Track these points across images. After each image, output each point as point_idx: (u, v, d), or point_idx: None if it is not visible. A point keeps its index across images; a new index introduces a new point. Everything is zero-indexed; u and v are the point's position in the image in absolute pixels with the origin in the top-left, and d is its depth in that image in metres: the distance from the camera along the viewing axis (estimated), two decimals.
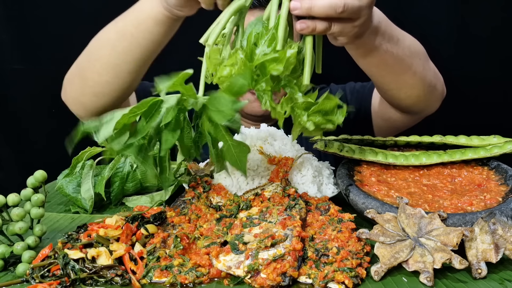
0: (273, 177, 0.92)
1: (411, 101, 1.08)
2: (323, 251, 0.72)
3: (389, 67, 0.97)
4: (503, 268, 0.71)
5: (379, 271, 0.69)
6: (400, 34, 0.95)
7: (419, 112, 1.15)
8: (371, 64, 0.97)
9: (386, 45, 0.91)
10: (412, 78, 1.00)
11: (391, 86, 1.04)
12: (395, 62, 0.95)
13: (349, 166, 0.98)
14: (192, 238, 0.76)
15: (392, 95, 1.10)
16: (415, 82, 1.01)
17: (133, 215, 0.81)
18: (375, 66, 0.97)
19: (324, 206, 0.86)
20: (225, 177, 0.94)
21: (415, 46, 1.00)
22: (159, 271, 0.70)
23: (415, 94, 1.05)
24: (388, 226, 0.74)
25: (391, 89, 1.06)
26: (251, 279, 0.67)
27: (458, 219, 0.77)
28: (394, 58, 0.94)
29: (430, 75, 1.04)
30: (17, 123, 1.85)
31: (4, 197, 0.80)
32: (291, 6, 0.72)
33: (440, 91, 1.10)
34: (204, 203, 0.87)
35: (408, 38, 0.99)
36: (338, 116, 0.76)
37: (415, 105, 1.10)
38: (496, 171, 0.95)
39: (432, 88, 1.06)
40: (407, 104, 1.11)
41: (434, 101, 1.11)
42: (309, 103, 0.73)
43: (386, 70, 0.98)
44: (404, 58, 0.96)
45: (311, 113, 0.74)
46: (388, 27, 0.92)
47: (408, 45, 0.97)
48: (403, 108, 1.14)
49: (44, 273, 0.69)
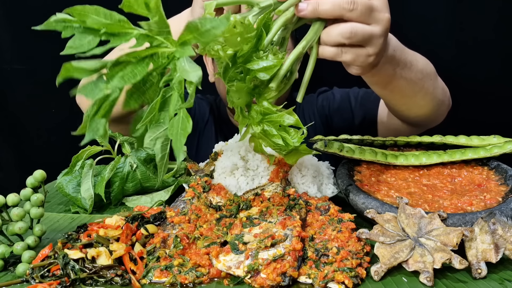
0: (273, 177, 0.92)
1: (420, 118, 1.09)
2: (323, 251, 0.72)
3: (402, 92, 0.97)
4: (503, 268, 0.71)
5: (379, 271, 0.69)
6: (413, 59, 0.94)
7: (426, 125, 1.16)
8: (384, 89, 0.97)
9: (400, 72, 0.91)
10: (423, 99, 1.00)
11: (402, 108, 1.05)
12: (408, 86, 0.95)
13: (349, 166, 0.98)
14: (192, 238, 0.76)
15: (401, 114, 1.10)
16: (426, 102, 1.02)
17: (133, 215, 0.81)
18: (389, 91, 0.97)
19: (324, 206, 0.86)
20: (225, 177, 0.94)
21: (426, 67, 0.99)
22: (159, 271, 0.70)
23: (424, 112, 1.05)
24: (388, 226, 0.74)
25: (401, 110, 1.07)
26: (251, 279, 0.67)
27: (458, 219, 0.77)
28: (408, 83, 0.94)
29: (439, 93, 1.04)
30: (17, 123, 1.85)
31: (3, 197, 0.80)
32: (298, 8, 0.72)
33: (447, 104, 1.11)
34: (204, 203, 0.87)
35: (421, 61, 0.98)
36: (294, 137, 0.74)
37: (423, 121, 1.11)
38: (496, 171, 0.95)
39: (440, 104, 1.06)
40: (416, 121, 1.11)
41: (441, 115, 1.12)
42: (269, 110, 0.72)
43: (399, 94, 0.98)
44: (416, 81, 0.95)
45: (265, 119, 0.73)
46: (403, 53, 0.91)
47: (421, 69, 0.96)
48: (411, 123, 1.14)
49: (44, 273, 0.69)
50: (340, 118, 1.39)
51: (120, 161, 1.02)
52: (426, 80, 0.98)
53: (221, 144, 1.04)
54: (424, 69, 0.97)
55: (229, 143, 1.01)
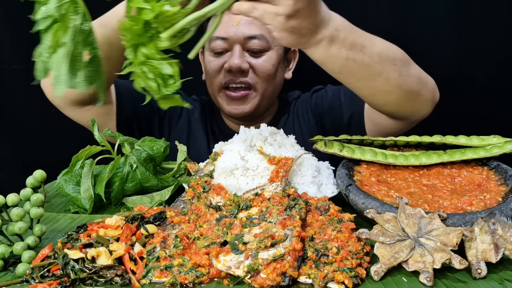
0: (273, 177, 0.92)
1: (392, 107, 1.08)
2: (323, 251, 0.72)
3: (354, 74, 0.97)
4: (503, 268, 0.71)
5: (379, 271, 0.69)
6: (367, 41, 0.94)
7: (406, 118, 1.13)
8: (333, 71, 0.97)
9: (347, 52, 0.91)
10: (385, 85, 0.99)
11: (363, 92, 1.04)
12: (361, 69, 0.95)
13: (349, 166, 0.98)
14: (192, 238, 0.76)
15: (369, 101, 1.11)
16: (390, 89, 1.00)
17: (133, 215, 0.81)
18: (338, 73, 0.98)
19: (324, 206, 0.86)
20: (225, 177, 0.94)
21: (388, 52, 0.98)
22: (159, 271, 0.70)
23: (394, 101, 1.04)
24: (388, 226, 0.74)
25: (365, 96, 1.06)
26: (251, 279, 0.67)
27: (458, 219, 0.77)
28: (359, 65, 0.94)
29: (410, 81, 1.01)
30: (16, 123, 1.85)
31: (3, 197, 0.80)
32: None
33: (427, 97, 1.07)
34: (204, 203, 0.87)
35: (380, 45, 0.97)
36: (169, 86, 0.79)
37: (398, 111, 1.10)
38: (496, 171, 0.95)
39: (415, 94, 1.04)
40: (389, 110, 1.10)
41: (420, 108, 1.09)
42: (153, 56, 0.77)
43: (353, 77, 0.98)
44: (372, 64, 0.95)
45: (147, 62, 0.77)
46: (351, 34, 0.92)
47: (378, 52, 0.95)
48: (388, 114, 1.13)
49: (44, 273, 0.69)
50: (330, 116, 1.39)
51: (120, 161, 1.02)
52: (387, 64, 0.97)
53: (221, 144, 1.04)
54: (383, 53, 0.96)
55: (229, 143, 1.01)
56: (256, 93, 1.34)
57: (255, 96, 1.34)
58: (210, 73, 1.35)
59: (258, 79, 1.32)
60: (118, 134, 1.08)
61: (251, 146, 0.99)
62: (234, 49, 1.30)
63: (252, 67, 1.31)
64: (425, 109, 1.10)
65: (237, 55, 1.29)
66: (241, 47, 1.29)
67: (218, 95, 1.36)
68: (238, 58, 1.28)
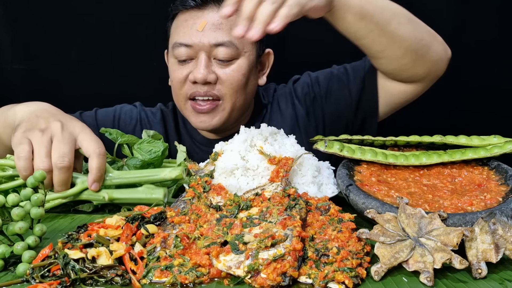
0: (273, 177, 0.92)
1: (406, 63, 1.10)
2: (323, 251, 0.72)
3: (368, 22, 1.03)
4: (503, 268, 0.71)
5: (379, 271, 0.69)
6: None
7: (423, 78, 1.14)
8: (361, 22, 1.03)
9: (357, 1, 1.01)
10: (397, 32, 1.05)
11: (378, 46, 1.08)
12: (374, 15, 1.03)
13: (349, 166, 0.98)
14: (192, 238, 0.76)
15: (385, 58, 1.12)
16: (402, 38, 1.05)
17: (133, 215, 0.81)
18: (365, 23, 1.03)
19: (324, 206, 0.86)
20: (225, 177, 0.94)
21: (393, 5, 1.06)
22: (159, 271, 0.70)
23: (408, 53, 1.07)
24: (388, 226, 0.74)
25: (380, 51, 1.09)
26: (251, 279, 0.67)
27: (458, 219, 0.77)
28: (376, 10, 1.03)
29: (419, 30, 1.07)
30: None
31: (4, 197, 0.80)
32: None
33: (439, 50, 1.10)
34: (204, 203, 0.87)
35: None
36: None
37: (414, 71, 1.11)
38: (496, 171, 0.95)
39: (427, 46, 1.08)
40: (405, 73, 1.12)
41: (434, 62, 1.11)
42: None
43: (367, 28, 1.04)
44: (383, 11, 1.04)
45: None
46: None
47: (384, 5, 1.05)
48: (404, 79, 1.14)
49: (44, 273, 0.69)
50: (332, 99, 1.32)
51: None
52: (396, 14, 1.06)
53: (222, 144, 1.04)
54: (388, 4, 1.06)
55: (229, 143, 1.01)
56: (225, 106, 1.23)
57: (223, 109, 1.23)
58: (175, 84, 1.25)
59: (227, 91, 1.21)
60: (116, 136, 1.08)
61: (251, 146, 0.98)
62: (199, 58, 1.19)
63: (219, 78, 1.20)
64: (440, 65, 1.12)
65: (202, 65, 1.17)
66: (207, 56, 1.18)
67: (184, 107, 1.26)
68: (203, 68, 1.17)
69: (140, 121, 1.39)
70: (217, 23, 1.18)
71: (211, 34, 1.18)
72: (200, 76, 1.17)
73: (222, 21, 1.19)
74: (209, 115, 1.23)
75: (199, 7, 1.20)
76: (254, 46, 1.26)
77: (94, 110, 1.39)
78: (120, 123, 1.38)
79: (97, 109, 1.40)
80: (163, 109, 1.43)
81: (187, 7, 1.22)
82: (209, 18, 1.19)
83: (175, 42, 1.21)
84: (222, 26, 1.18)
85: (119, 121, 1.38)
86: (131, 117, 1.39)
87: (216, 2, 1.20)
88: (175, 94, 1.28)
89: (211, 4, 1.21)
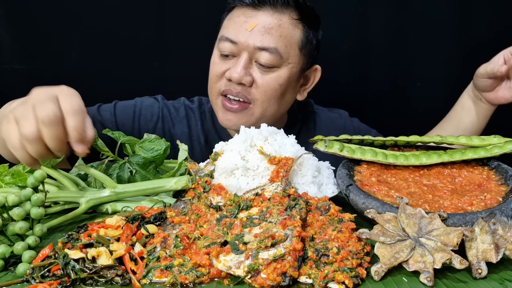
0: (273, 177, 0.92)
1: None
2: (323, 251, 0.72)
3: None
4: (504, 268, 0.72)
5: (379, 271, 0.69)
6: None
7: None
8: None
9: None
10: None
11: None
12: None
13: (349, 166, 0.98)
14: (192, 238, 0.76)
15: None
16: None
17: (133, 215, 0.81)
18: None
19: (324, 206, 0.86)
20: (226, 177, 0.94)
21: None
22: (159, 271, 0.70)
23: None
24: (388, 226, 0.74)
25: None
26: (251, 279, 0.67)
27: (459, 219, 0.77)
28: None
29: None
30: None
31: (4, 197, 0.80)
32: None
33: None
34: (204, 203, 0.87)
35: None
36: None
37: None
38: (496, 171, 0.95)
39: None
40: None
41: None
42: None
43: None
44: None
45: None
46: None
47: None
48: None
49: (45, 273, 0.69)
50: None
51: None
52: None
53: (222, 144, 1.04)
54: None
55: (230, 143, 1.01)
56: (254, 111, 1.22)
57: (252, 114, 1.23)
58: (211, 77, 1.25)
59: (259, 97, 1.20)
60: (118, 135, 1.08)
61: (251, 146, 0.98)
62: (240, 57, 1.18)
63: (255, 82, 1.19)
64: None
65: (241, 65, 1.17)
66: (249, 57, 1.18)
67: (215, 101, 1.27)
68: (241, 69, 1.17)
69: (162, 118, 1.35)
70: (268, 26, 1.16)
71: (258, 36, 1.16)
72: (236, 76, 1.17)
73: (273, 27, 1.17)
74: (237, 115, 1.23)
75: (255, 6, 1.19)
76: (300, 59, 1.23)
77: (114, 103, 1.35)
78: (141, 121, 1.34)
79: (117, 102, 1.35)
80: (187, 104, 1.40)
81: (242, 3, 1.21)
82: (262, 20, 1.18)
83: (222, 35, 1.21)
84: (272, 31, 1.16)
85: (140, 117, 1.34)
86: (152, 113, 1.36)
87: (272, 5, 1.18)
88: (210, 87, 1.27)
89: (267, 6, 1.19)
